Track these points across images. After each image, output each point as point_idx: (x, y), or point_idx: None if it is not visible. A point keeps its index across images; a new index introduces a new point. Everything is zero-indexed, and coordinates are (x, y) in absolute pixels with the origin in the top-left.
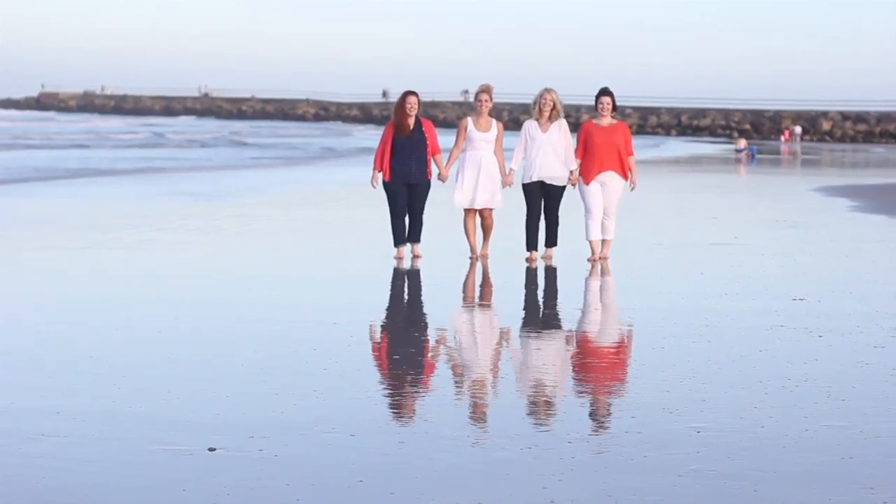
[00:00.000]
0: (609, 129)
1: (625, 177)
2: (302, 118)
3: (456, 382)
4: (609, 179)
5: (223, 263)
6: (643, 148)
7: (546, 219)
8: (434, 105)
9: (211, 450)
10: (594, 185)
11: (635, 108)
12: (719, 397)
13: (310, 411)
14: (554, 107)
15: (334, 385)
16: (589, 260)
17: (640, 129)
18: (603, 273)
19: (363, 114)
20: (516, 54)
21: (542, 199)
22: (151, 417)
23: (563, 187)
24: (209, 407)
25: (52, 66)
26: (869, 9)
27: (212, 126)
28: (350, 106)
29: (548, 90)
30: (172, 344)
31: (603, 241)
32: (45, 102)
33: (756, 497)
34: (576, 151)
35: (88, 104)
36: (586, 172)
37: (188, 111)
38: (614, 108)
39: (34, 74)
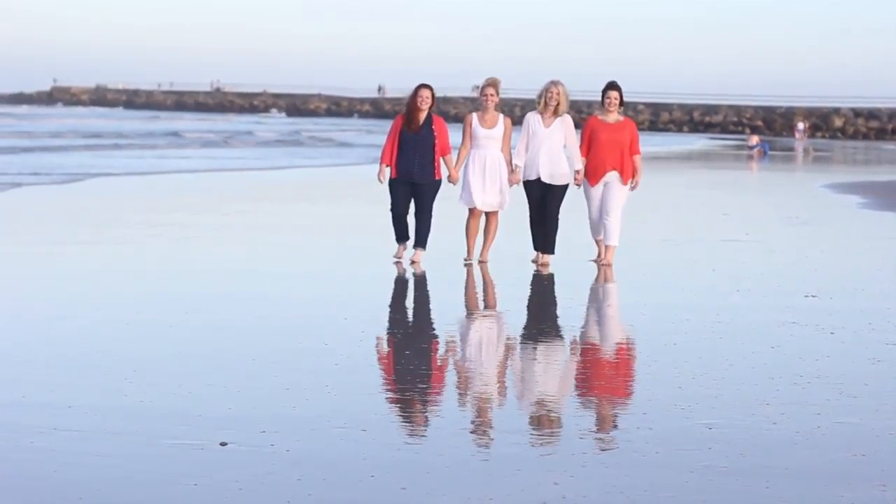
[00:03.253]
0: (616, 127)
1: (625, 180)
2: (314, 113)
3: (466, 379)
4: (614, 180)
5: (255, 258)
6: (672, 145)
7: (545, 221)
8: (446, 101)
9: (222, 444)
10: (598, 188)
11: (647, 104)
12: (730, 394)
13: (321, 406)
14: (559, 101)
15: (345, 380)
16: (593, 261)
17: (652, 126)
18: (606, 279)
19: (375, 109)
20: (525, 49)
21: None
22: (162, 412)
23: (565, 187)
24: (220, 402)
25: (62, 61)
26: (883, 3)
27: (281, 123)
28: (362, 101)
29: (554, 83)
30: (183, 339)
31: (606, 248)
32: (57, 97)
33: (767, 494)
34: (580, 149)
35: (100, 98)
36: (591, 173)
37: (200, 106)
38: (622, 103)
39: (45, 69)
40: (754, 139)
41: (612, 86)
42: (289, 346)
